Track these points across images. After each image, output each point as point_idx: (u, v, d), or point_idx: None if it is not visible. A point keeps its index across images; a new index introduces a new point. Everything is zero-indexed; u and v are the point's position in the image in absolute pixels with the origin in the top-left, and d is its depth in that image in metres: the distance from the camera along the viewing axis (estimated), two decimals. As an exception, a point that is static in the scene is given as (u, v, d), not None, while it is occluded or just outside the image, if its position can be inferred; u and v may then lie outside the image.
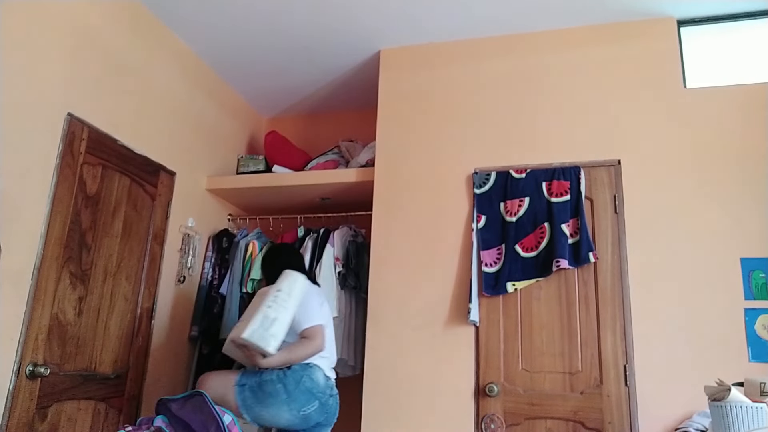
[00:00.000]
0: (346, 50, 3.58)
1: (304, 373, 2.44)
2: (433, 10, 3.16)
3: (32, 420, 2.39)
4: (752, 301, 2.65)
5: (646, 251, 2.82)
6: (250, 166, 3.88)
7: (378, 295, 3.13)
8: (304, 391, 2.41)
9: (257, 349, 2.36)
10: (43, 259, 2.46)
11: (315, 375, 2.47)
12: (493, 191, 3.08)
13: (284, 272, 2.54)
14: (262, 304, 2.40)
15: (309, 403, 2.42)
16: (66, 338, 2.58)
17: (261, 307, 2.39)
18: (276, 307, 2.38)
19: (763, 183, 2.77)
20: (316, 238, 3.56)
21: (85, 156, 2.71)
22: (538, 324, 2.87)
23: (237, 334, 2.40)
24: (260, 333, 2.33)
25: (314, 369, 2.48)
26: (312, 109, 4.43)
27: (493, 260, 2.98)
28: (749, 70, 3.00)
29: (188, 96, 3.56)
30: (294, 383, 2.40)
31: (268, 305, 2.38)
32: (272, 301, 2.40)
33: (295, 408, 2.39)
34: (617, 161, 2.98)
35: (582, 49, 3.20)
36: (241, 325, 2.45)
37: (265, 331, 2.33)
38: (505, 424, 2.78)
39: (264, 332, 2.33)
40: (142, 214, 3.11)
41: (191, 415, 2.15)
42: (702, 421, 2.42)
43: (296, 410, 2.39)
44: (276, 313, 2.37)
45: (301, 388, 2.41)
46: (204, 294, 3.57)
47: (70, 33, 2.67)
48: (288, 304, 2.41)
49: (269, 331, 2.34)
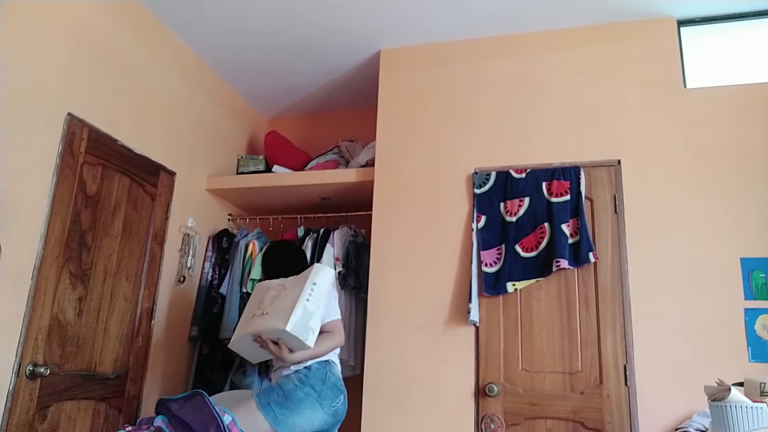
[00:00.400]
0: (346, 50, 3.58)
1: (327, 370, 2.44)
2: (433, 10, 3.16)
3: (32, 420, 2.39)
4: (752, 301, 2.65)
5: (646, 251, 2.82)
6: (250, 166, 3.89)
7: (378, 295, 3.12)
8: (331, 387, 2.41)
9: (292, 342, 2.31)
10: (43, 259, 2.46)
11: (335, 370, 2.49)
12: (493, 191, 3.08)
13: (317, 265, 2.51)
14: (300, 298, 2.35)
15: (337, 398, 2.42)
16: (66, 338, 2.58)
17: (300, 300, 2.33)
18: (314, 301, 2.36)
19: (763, 183, 2.77)
20: (316, 238, 3.56)
21: (85, 156, 2.71)
22: (538, 324, 2.87)
23: (270, 327, 2.32)
24: (302, 326, 2.28)
25: (333, 365, 2.50)
26: (312, 109, 4.43)
27: (493, 260, 2.98)
28: (749, 70, 3.00)
29: (188, 96, 3.56)
30: (320, 382, 2.39)
31: (307, 298, 2.34)
32: (310, 294, 2.36)
33: (327, 404, 2.38)
34: (617, 161, 2.98)
35: (582, 49, 3.20)
36: (270, 318, 2.36)
37: (305, 325, 2.29)
38: (505, 424, 2.78)
39: (305, 326, 2.29)
40: (142, 214, 3.11)
41: (191, 415, 2.15)
42: (702, 421, 2.42)
43: (328, 406, 2.38)
44: (314, 306, 2.35)
45: (328, 384, 2.41)
46: (204, 294, 3.57)
47: (70, 33, 2.67)
48: (322, 299, 2.40)
49: (309, 324, 2.30)
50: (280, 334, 2.30)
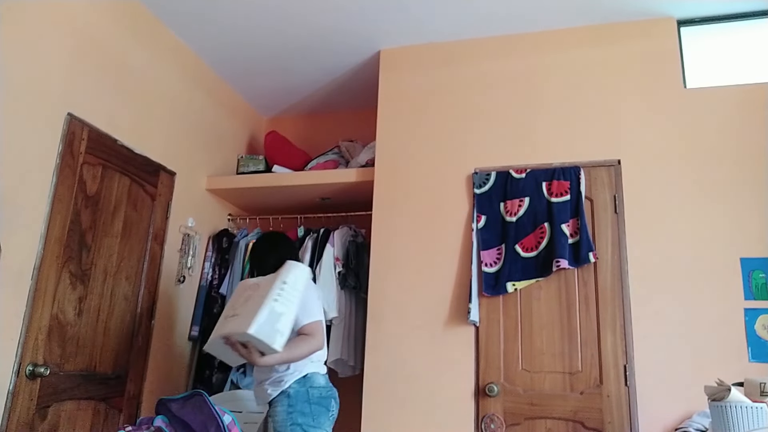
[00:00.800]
0: (346, 50, 3.58)
1: (306, 387, 2.31)
2: (433, 10, 3.16)
3: (32, 420, 2.39)
4: (752, 301, 2.65)
5: (646, 251, 2.82)
6: (250, 166, 3.89)
7: (378, 295, 3.12)
8: (318, 401, 2.31)
9: (259, 346, 2.17)
10: (43, 259, 2.46)
11: (316, 381, 2.36)
12: (493, 191, 3.08)
13: (288, 263, 2.35)
14: (267, 297, 2.20)
15: (329, 408, 2.34)
16: (66, 338, 2.58)
17: (266, 301, 2.18)
18: (283, 301, 2.20)
19: (763, 183, 2.77)
20: (316, 238, 3.56)
21: (85, 156, 2.71)
22: (538, 324, 2.87)
23: (235, 330, 2.18)
24: (268, 329, 2.13)
25: (312, 377, 2.35)
26: (312, 109, 4.43)
27: (493, 260, 2.98)
28: (749, 70, 3.00)
29: (188, 96, 3.56)
30: (306, 404, 2.27)
31: (275, 299, 2.19)
32: (278, 294, 2.20)
33: (324, 419, 2.31)
34: (617, 161, 2.98)
35: (582, 49, 3.20)
36: (237, 320, 2.22)
37: (272, 327, 2.14)
38: (505, 424, 2.78)
39: (271, 328, 2.14)
40: (142, 214, 3.11)
41: (191, 415, 2.15)
42: (702, 421, 2.42)
43: (326, 420, 2.32)
44: (283, 307, 2.19)
45: (314, 401, 2.30)
46: (204, 294, 3.57)
47: (70, 33, 2.67)
48: (294, 299, 2.24)
49: (276, 326, 2.15)
50: (246, 337, 2.15)
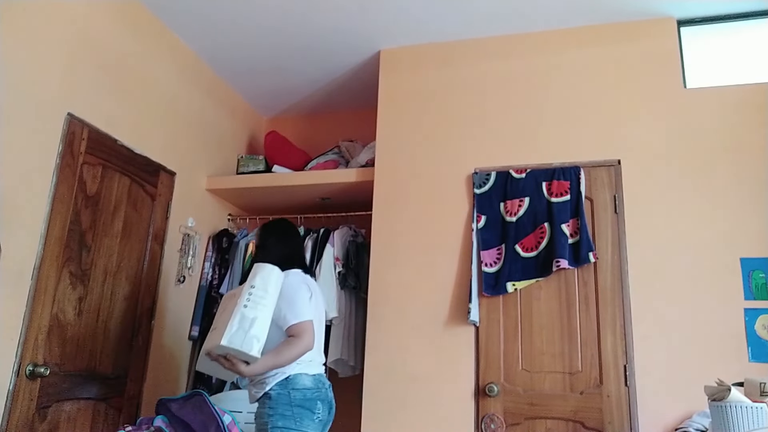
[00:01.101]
0: (346, 50, 3.58)
1: (288, 390, 2.19)
2: (434, 10, 3.16)
3: (32, 420, 2.39)
4: (752, 301, 2.65)
5: (646, 251, 2.82)
6: (250, 166, 3.89)
7: (378, 295, 3.12)
8: (301, 404, 2.19)
9: (239, 356, 2.09)
10: (43, 259, 2.46)
11: (300, 383, 2.21)
12: (493, 191, 3.08)
13: (255, 265, 2.26)
14: (237, 305, 2.13)
15: (315, 410, 2.22)
16: (66, 338, 2.58)
17: (236, 309, 2.11)
18: (252, 306, 2.11)
19: (763, 183, 2.77)
20: (316, 238, 3.56)
21: (85, 156, 2.71)
22: (538, 324, 2.87)
23: (213, 345, 2.11)
24: (240, 337, 2.05)
25: (295, 378, 2.21)
26: (312, 109, 4.43)
27: (493, 260, 2.98)
28: (749, 70, 3.00)
29: (188, 96, 3.56)
30: (287, 406, 2.17)
31: (244, 305, 2.11)
32: (247, 299, 2.12)
33: (309, 422, 2.19)
34: (617, 161, 2.98)
35: (582, 49, 3.20)
36: (214, 334, 2.16)
37: (245, 334, 2.06)
38: (505, 424, 2.78)
39: (244, 335, 2.06)
40: (142, 214, 3.11)
41: (191, 415, 2.15)
42: (702, 421, 2.42)
43: (310, 422, 2.20)
44: (254, 312, 2.10)
45: (296, 403, 2.18)
46: (204, 294, 3.57)
47: (69, 33, 2.66)
48: (265, 301, 2.14)
49: (249, 333, 2.07)
50: (223, 350, 2.08)
